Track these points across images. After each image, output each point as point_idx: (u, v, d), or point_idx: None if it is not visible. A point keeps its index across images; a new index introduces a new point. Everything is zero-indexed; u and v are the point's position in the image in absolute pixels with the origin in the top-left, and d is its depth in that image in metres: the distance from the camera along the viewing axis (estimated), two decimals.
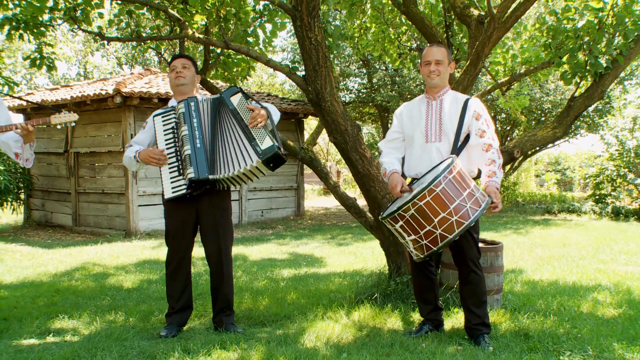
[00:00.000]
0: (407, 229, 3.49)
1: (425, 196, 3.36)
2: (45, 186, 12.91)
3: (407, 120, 3.91)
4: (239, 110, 3.77)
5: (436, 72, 3.73)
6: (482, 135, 3.66)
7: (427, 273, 3.89)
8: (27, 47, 22.98)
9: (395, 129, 3.99)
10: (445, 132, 3.72)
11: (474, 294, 3.70)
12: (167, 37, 5.04)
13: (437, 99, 3.81)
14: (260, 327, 4.16)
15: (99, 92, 10.66)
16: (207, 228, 4.00)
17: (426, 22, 5.56)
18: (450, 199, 3.35)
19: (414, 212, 3.42)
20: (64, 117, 3.89)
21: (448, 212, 3.33)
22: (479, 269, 3.71)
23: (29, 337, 3.91)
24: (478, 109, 3.72)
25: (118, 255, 8.42)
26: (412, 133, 3.84)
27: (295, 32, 4.51)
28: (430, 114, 3.80)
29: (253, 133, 3.68)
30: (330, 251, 8.77)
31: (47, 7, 5.02)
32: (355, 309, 4.45)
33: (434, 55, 3.74)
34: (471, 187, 3.44)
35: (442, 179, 3.37)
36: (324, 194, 22.79)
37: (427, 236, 3.41)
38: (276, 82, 25.71)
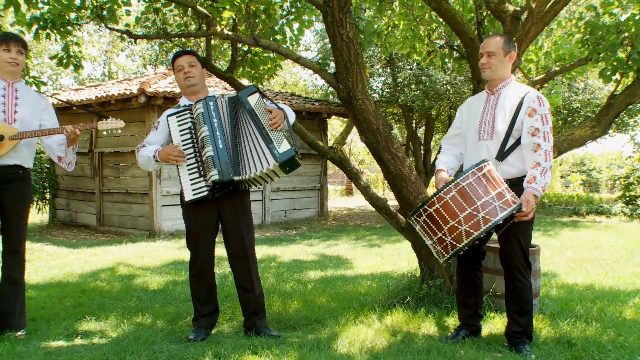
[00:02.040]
0: (424, 232, 3.40)
1: (434, 203, 3.28)
2: (70, 186, 12.97)
3: (466, 115, 3.76)
4: (256, 110, 3.66)
5: (487, 64, 3.55)
6: (534, 134, 3.42)
7: (472, 277, 3.75)
8: (53, 48, 23.22)
9: (455, 124, 3.86)
10: (497, 130, 3.52)
11: (518, 302, 3.54)
12: (195, 35, 4.97)
13: (496, 93, 3.61)
14: (291, 331, 4.05)
15: (124, 92, 10.66)
16: (230, 228, 3.90)
17: (458, 19, 5.40)
18: (460, 208, 3.22)
19: (426, 218, 3.34)
20: (111, 123, 3.93)
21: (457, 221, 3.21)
22: (525, 277, 3.53)
23: (57, 339, 3.85)
24: (534, 104, 3.45)
25: (142, 255, 8.40)
26: (468, 130, 3.70)
27: (326, 28, 4.40)
28: (486, 110, 3.62)
29: (270, 135, 3.59)
30: (356, 252, 8.65)
31: (75, 5, 4.97)
32: (388, 313, 4.33)
33: (486, 47, 3.57)
34: (492, 195, 3.25)
35: (453, 185, 3.25)
36: (346, 195, 22.67)
37: (440, 242, 3.32)
38: (299, 82, 25.66)
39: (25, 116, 3.84)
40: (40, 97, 4.09)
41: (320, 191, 14.11)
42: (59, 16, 5.40)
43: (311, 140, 5.14)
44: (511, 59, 3.63)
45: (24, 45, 3.87)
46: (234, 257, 3.95)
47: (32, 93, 4.03)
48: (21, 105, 3.83)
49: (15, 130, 3.78)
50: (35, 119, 3.89)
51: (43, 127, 3.92)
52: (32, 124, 3.87)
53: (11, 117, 3.79)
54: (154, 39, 5.11)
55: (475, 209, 3.19)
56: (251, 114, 3.65)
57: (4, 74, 3.82)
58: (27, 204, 3.98)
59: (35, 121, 3.90)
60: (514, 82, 3.67)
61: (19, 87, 3.88)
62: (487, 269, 4.43)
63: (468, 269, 3.74)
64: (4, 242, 3.90)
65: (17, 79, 3.89)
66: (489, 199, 3.21)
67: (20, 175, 3.89)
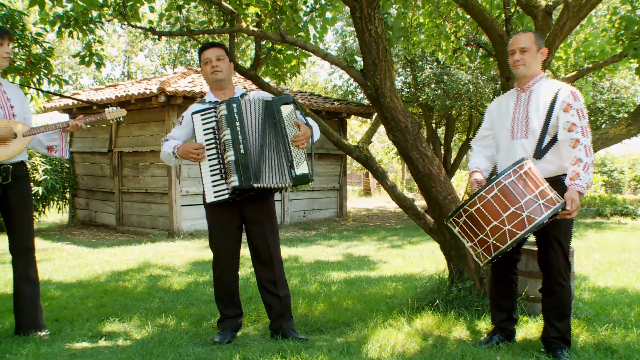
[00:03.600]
0: (464, 234, 3.29)
1: (475, 202, 3.17)
2: (90, 186, 13.00)
3: (496, 115, 3.64)
4: (286, 122, 3.58)
5: (520, 61, 3.42)
6: (571, 129, 3.28)
7: (507, 280, 3.62)
8: (74, 48, 23.34)
9: (485, 125, 3.73)
10: (532, 127, 3.39)
11: (557, 307, 3.41)
12: (219, 31, 4.88)
13: (527, 90, 3.49)
14: (318, 334, 3.95)
15: (143, 92, 10.64)
16: (254, 229, 3.80)
17: (486, 15, 5.27)
18: (504, 207, 3.10)
19: (466, 218, 3.22)
20: (115, 112, 3.89)
21: (500, 221, 3.10)
22: (566, 281, 3.40)
23: (81, 341, 3.79)
24: (568, 99, 3.33)
25: (163, 255, 8.35)
26: (499, 129, 3.58)
27: (354, 24, 4.30)
28: (518, 108, 3.50)
29: (293, 153, 3.55)
30: (377, 253, 8.54)
31: (98, 3, 4.93)
32: (417, 316, 4.21)
33: (518, 43, 3.44)
34: (535, 193, 3.13)
35: (495, 184, 3.13)
36: (364, 195, 22.53)
37: (481, 244, 3.20)
38: (318, 82, 25.55)
39: (19, 111, 3.77)
40: (19, 90, 4.02)
41: (340, 191, 14.01)
42: (81, 14, 5.37)
43: (336, 139, 5.03)
44: (543, 55, 3.53)
45: (11, 38, 3.79)
46: (258, 258, 3.85)
47: (12, 86, 3.96)
48: (12, 99, 3.76)
49: (25, 127, 3.72)
50: (22, 112, 3.83)
51: (26, 120, 3.84)
52: (22, 118, 3.80)
53: (9, 112, 3.71)
54: (177, 35, 5.04)
55: (519, 207, 3.07)
56: (280, 125, 3.56)
57: None
58: (32, 200, 3.93)
59: (22, 115, 3.83)
60: (545, 78, 3.55)
61: (2, 82, 3.80)
62: (519, 271, 4.30)
63: (503, 272, 3.61)
64: (14, 241, 3.82)
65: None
66: (532, 197, 3.09)
67: (25, 172, 3.84)
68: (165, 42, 23.39)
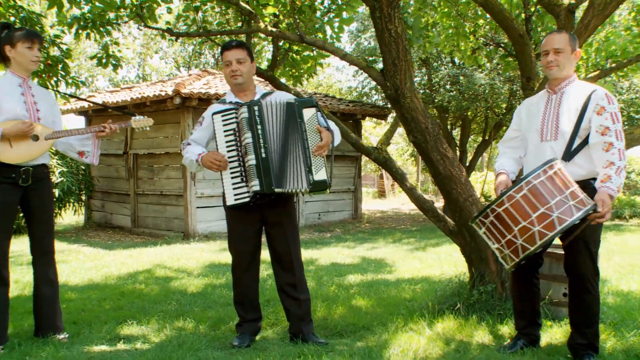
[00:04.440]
0: (490, 236, 3.21)
1: (503, 202, 3.08)
2: (105, 187, 13.03)
3: (525, 116, 3.57)
4: (307, 126, 3.53)
5: (555, 62, 3.34)
6: (604, 133, 3.21)
7: (529, 284, 3.54)
8: (90, 50, 23.48)
9: (513, 127, 3.66)
10: (562, 130, 3.32)
11: (585, 314, 3.32)
12: (238, 31, 4.85)
13: (558, 92, 3.42)
14: (338, 338, 3.89)
15: (159, 94, 10.65)
16: (274, 232, 3.76)
17: (506, 14, 5.20)
18: (533, 207, 3.02)
19: (493, 219, 3.14)
20: (142, 121, 3.89)
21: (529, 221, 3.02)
22: (594, 287, 3.31)
23: (100, 344, 3.76)
24: (602, 102, 3.26)
25: (178, 257, 8.33)
26: (528, 131, 3.51)
27: (373, 24, 4.24)
28: (549, 109, 3.42)
29: (312, 159, 3.51)
30: (394, 256, 8.46)
31: (116, 3, 4.91)
32: (438, 320, 4.14)
33: (552, 44, 3.37)
34: (565, 194, 3.05)
35: (524, 184, 3.05)
36: (378, 197, 22.44)
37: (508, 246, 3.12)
38: (333, 84, 25.52)
39: (45, 114, 3.76)
40: (48, 93, 4.02)
41: (355, 193, 13.94)
42: (99, 15, 5.37)
43: (354, 140, 4.98)
44: (577, 56, 3.46)
45: (42, 42, 3.78)
46: (278, 262, 3.81)
47: (41, 89, 3.96)
48: (39, 102, 3.74)
49: (48, 130, 3.71)
50: (50, 115, 3.82)
51: (55, 123, 3.84)
52: (50, 122, 3.79)
53: (35, 115, 3.70)
54: (194, 36, 5.02)
55: (549, 208, 3.00)
56: (301, 129, 3.52)
57: (21, 71, 3.70)
58: (53, 202, 3.92)
59: (51, 118, 3.82)
60: (577, 80, 3.47)
61: (31, 84, 3.79)
62: (542, 275, 4.22)
63: (525, 276, 3.53)
64: (34, 243, 3.81)
65: (29, 76, 3.79)
66: (563, 198, 3.02)
67: (46, 174, 3.83)
68: (180, 44, 23.45)
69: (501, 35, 7.18)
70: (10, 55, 3.65)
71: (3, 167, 3.59)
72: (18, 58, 3.64)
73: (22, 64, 3.66)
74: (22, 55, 3.63)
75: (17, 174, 3.62)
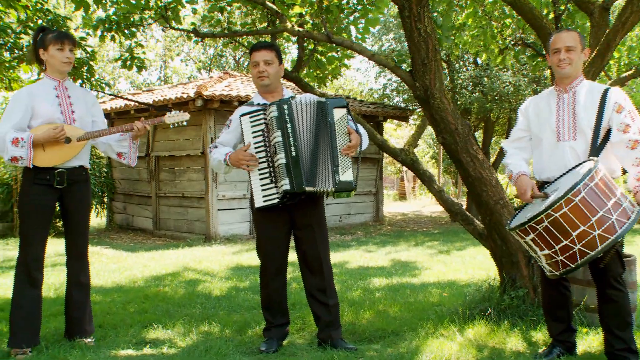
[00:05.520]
0: (540, 242, 3.07)
1: (561, 206, 2.94)
2: (127, 190, 13.09)
3: (533, 116, 3.48)
4: (336, 126, 3.47)
5: (567, 60, 3.28)
6: (626, 130, 3.16)
7: (560, 288, 3.44)
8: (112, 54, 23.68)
9: (520, 126, 3.56)
10: (581, 129, 3.26)
11: (618, 314, 3.23)
12: (264, 32, 4.81)
13: (570, 91, 3.35)
14: (367, 344, 3.82)
15: (181, 96, 10.67)
16: (303, 235, 3.70)
17: (535, 13, 5.09)
18: (591, 210, 2.92)
19: (548, 224, 3.00)
20: (177, 116, 3.84)
21: (589, 225, 2.91)
22: (623, 286, 3.25)
23: (126, 348, 3.73)
24: (620, 100, 3.23)
25: (200, 260, 8.31)
26: (541, 131, 3.42)
27: (402, 23, 4.16)
28: (562, 109, 3.35)
29: (339, 159, 3.45)
30: (417, 259, 8.36)
31: (141, 4, 4.90)
32: (469, 326, 4.04)
33: (564, 42, 3.30)
34: (617, 196, 2.97)
35: (582, 186, 2.93)
36: (399, 199, 22.30)
37: (563, 251, 2.99)
38: (354, 86, 25.44)
39: (82, 115, 3.75)
40: (87, 93, 4.00)
41: (376, 196, 13.83)
42: (124, 17, 5.36)
43: (381, 141, 4.91)
44: (585, 55, 3.42)
45: (74, 43, 3.76)
46: (307, 265, 3.74)
47: (80, 89, 3.95)
48: (75, 103, 3.73)
49: (80, 131, 3.69)
50: (88, 115, 3.80)
51: (95, 123, 3.83)
52: (87, 122, 3.78)
53: (70, 117, 3.69)
54: (220, 37, 4.98)
55: (607, 211, 2.91)
56: (330, 128, 3.46)
57: (55, 74, 3.69)
58: (89, 205, 3.90)
59: (88, 118, 3.80)
60: (584, 79, 3.43)
61: (68, 86, 3.77)
62: (576, 279, 4.11)
63: (554, 280, 3.42)
64: (69, 245, 3.81)
65: (65, 78, 3.78)
66: (617, 200, 2.95)
67: (84, 177, 3.80)
68: (201, 46, 23.55)
69: (529, 35, 7.05)
70: (44, 59, 3.66)
71: (38, 170, 3.59)
72: (51, 60, 3.64)
73: (55, 66, 3.66)
74: (54, 57, 3.63)
75: (52, 176, 3.62)
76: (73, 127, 3.68)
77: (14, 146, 3.48)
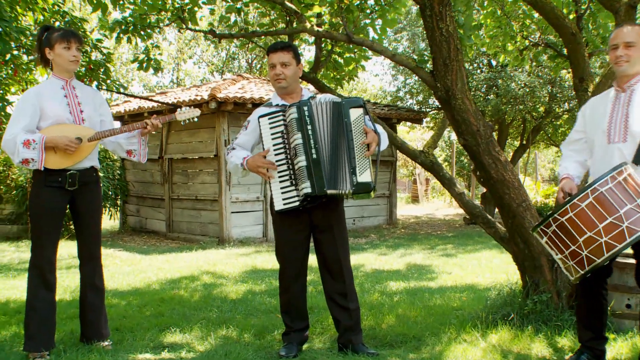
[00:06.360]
0: (553, 245, 3.01)
1: (567, 211, 2.88)
2: (140, 192, 13.09)
3: (590, 117, 3.36)
4: (353, 126, 3.40)
5: (625, 57, 3.14)
6: None
7: (597, 296, 3.32)
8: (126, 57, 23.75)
9: (577, 128, 3.45)
10: (632, 130, 3.10)
11: None
12: (282, 32, 4.75)
13: (627, 90, 3.20)
14: (389, 349, 3.74)
15: (194, 98, 10.65)
16: (323, 238, 3.62)
17: (557, 13, 5.00)
18: (599, 216, 2.82)
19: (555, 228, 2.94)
20: (188, 113, 3.79)
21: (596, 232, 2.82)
22: None
23: (144, 352, 3.68)
24: None
25: (214, 263, 8.27)
26: (594, 132, 3.29)
27: (423, 22, 4.09)
28: (616, 109, 3.21)
29: (357, 159, 3.36)
30: (433, 262, 8.27)
31: (159, 5, 4.86)
32: (492, 331, 3.96)
33: (622, 37, 3.16)
34: (637, 202, 2.86)
35: (590, 191, 2.85)
36: (412, 202, 22.18)
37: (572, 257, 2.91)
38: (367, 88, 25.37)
39: (90, 114, 3.69)
40: (95, 92, 3.96)
41: (389, 198, 13.74)
42: (140, 19, 5.33)
43: (400, 143, 4.83)
44: None
45: (80, 42, 3.71)
46: (327, 269, 3.67)
47: (88, 88, 3.90)
48: (84, 103, 3.68)
49: (91, 131, 3.64)
50: (96, 115, 3.75)
51: (103, 122, 3.78)
52: (96, 122, 3.73)
53: (78, 117, 3.63)
54: (238, 37, 4.93)
55: (618, 217, 2.79)
56: (347, 129, 3.39)
57: (62, 73, 3.64)
58: (101, 207, 3.85)
59: (97, 118, 3.75)
60: None
61: (75, 85, 3.72)
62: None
63: (592, 287, 3.32)
64: (81, 248, 3.76)
65: (72, 77, 3.73)
66: (633, 207, 2.81)
67: (95, 178, 3.75)
68: (214, 48, 23.57)
69: (548, 35, 6.95)
70: (50, 58, 3.60)
71: (48, 173, 3.53)
72: (57, 59, 3.58)
73: (62, 65, 3.60)
74: (60, 56, 3.57)
75: (64, 178, 3.56)
76: (83, 127, 3.63)
77: (25, 148, 3.43)
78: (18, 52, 5.16)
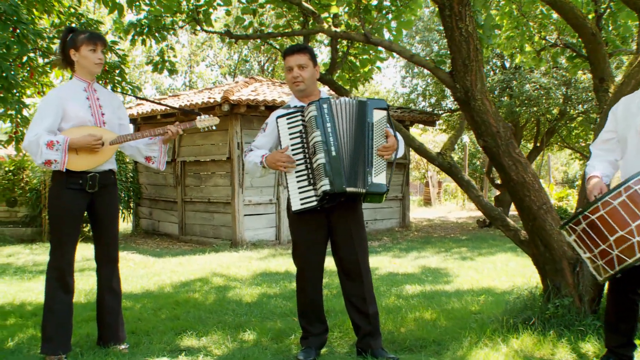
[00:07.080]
0: (581, 244, 2.94)
1: (598, 209, 2.80)
2: (153, 195, 13.10)
3: (622, 116, 3.28)
4: (375, 128, 3.37)
5: None
6: None
7: (628, 301, 3.23)
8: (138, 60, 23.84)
9: (608, 127, 3.36)
10: None
11: None
12: (299, 33, 4.72)
13: None
14: (409, 354, 3.69)
15: (207, 100, 10.64)
16: (342, 240, 3.58)
17: (577, 12, 4.93)
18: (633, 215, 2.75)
19: (585, 226, 2.86)
20: (207, 120, 3.78)
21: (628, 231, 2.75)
22: None
23: (161, 355, 3.65)
24: None
25: (228, 265, 8.24)
26: (627, 131, 3.21)
27: (442, 22, 4.04)
28: None
29: (374, 160, 3.34)
30: (448, 265, 8.19)
31: (174, 6, 4.85)
32: (513, 335, 3.89)
33: None
34: None
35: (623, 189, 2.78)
36: (424, 205, 22.08)
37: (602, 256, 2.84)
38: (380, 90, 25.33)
39: (110, 117, 3.69)
40: (113, 95, 3.96)
41: (402, 201, 13.67)
42: (155, 21, 5.32)
43: (418, 145, 4.78)
44: None
45: (105, 45, 3.70)
46: (345, 272, 3.62)
47: (106, 92, 3.89)
48: (104, 106, 3.67)
49: (112, 134, 3.62)
50: (115, 118, 3.74)
51: (122, 126, 3.78)
52: (115, 125, 3.72)
53: (100, 119, 3.62)
54: (254, 38, 4.91)
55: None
56: (369, 130, 3.36)
57: (85, 75, 3.63)
58: (118, 209, 3.86)
59: (115, 121, 3.74)
60: None
61: (96, 88, 3.71)
62: None
63: (624, 290, 3.23)
64: (99, 251, 3.75)
65: (94, 80, 3.72)
66: None
67: (113, 181, 3.74)
68: (226, 51, 23.61)
69: (566, 35, 6.88)
70: (74, 59, 3.59)
71: (70, 174, 3.52)
72: (82, 61, 3.57)
73: (86, 67, 3.59)
74: (86, 58, 3.56)
75: (84, 180, 3.55)
76: (105, 130, 3.62)
77: (48, 149, 3.42)
78: (34, 55, 5.16)
